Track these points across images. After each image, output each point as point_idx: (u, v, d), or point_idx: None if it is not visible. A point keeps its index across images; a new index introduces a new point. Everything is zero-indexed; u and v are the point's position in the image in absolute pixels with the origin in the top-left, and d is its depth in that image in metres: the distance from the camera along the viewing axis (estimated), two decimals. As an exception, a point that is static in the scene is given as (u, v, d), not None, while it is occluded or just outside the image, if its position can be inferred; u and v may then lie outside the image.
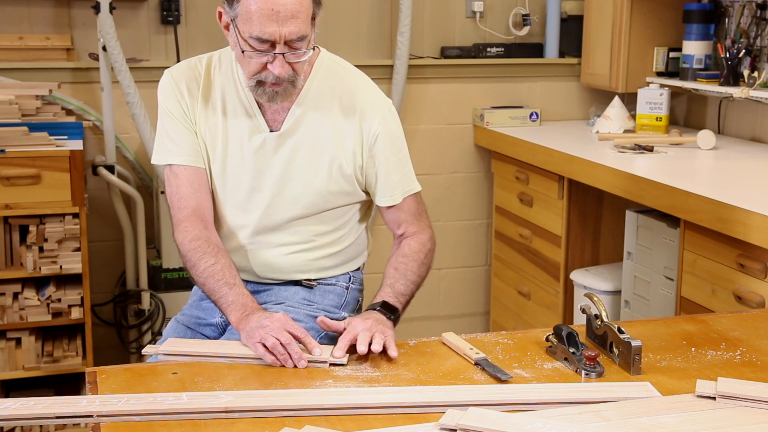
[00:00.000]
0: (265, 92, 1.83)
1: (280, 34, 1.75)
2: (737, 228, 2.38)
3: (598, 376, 1.56)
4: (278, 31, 1.75)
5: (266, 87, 1.83)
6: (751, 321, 1.87)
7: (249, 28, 1.75)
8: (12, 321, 2.97)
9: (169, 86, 1.95)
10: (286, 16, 1.74)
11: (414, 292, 1.93)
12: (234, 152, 1.94)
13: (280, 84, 1.82)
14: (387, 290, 1.88)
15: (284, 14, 1.74)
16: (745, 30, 3.34)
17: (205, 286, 1.85)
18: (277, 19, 1.74)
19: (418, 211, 2.02)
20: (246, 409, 1.42)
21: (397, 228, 2.02)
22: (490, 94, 3.97)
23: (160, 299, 3.44)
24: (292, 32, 1.75)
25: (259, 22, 1.74)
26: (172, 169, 1.95)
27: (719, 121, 3.61)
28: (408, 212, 2.01)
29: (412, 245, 1.98)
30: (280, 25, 1.74)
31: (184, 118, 1.94)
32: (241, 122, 1.93)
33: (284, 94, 1.84)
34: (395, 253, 1.98)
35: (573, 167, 3.22)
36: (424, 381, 1.55)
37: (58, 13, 3.47)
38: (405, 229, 2.01)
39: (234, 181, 1.96)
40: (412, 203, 2.01)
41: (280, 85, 1.82)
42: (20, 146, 2.92)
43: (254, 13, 1.74)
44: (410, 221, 2.01)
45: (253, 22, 1.74)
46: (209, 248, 1.87)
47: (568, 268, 3.37)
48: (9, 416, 1.42)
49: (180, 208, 1.93)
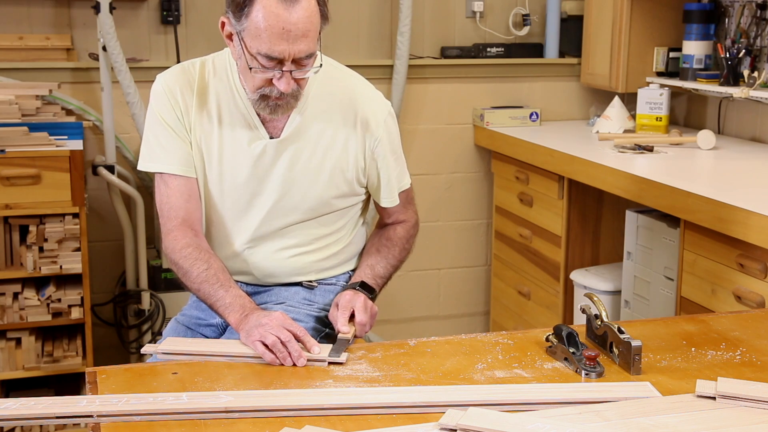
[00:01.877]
0: (268, 105, 1.83)
1: (290, 53, 1.73)
2: (737, 228, 2.38)
3: (598, 376, 1.56)
4: (288, 50, 1.73)
5: (269, 101, 1.82)
6: (751, 321, 1.87)
7: (258, 45, 1.73)
8: (12, 321, 2.97)
9: (163, 93, 1.92)
10: (296, 35, 1.72)
11: (392, 274, 2.03)
12: (232, 159, 1.92)
13: (284, 98, 1.81)
14: (367, 271, 1.97)
15: (295, 33, 1.72)
16: (745, 30, 3.34)
17: (200, 291, 1.85)
18: (287, 38, 1.71)
19: (408, 200, 2.10)
20: (246, 409, 1.42)
21: (388, 218, 2.09)
22: (490, 94, 3.97)
23: (160, 299, 3.44)
24: (301, 51, 1.74)
25: (269, 40, 1.72)
26: (162, 177, 1.93)
27: (719, 121, 3.61)
28: (400, 204, 2.06)
29: (398, 231, 2.06)
30: (290, 43, 1.72)
31: (178, 125, 1.91)
32: (240, 129, 1.91)
33: (286, 107, 1.84)
34: (379, 234, 2.07)
35: (573, 167, 3.22)
36: (424, 381, 1.55)
37: (58, 13, 3.47)
38: (395, 218, 2.08)
39: (233, 188, 1.94)
40: (403, 195, 2.07)
41: (284, 99, 1.81)
42: (20, 146, 2.91)
43: (264, 31, 1.71)
44: (401, 211, 2.08)
45: (263, 39, 1.72)
46: (201, 254, 1.87)
47: (568, 268, 3.37)
48: (9, 416, 1.42)
49: (170, 217, 1.92)
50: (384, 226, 2.10)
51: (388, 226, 2.09)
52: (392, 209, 2.06)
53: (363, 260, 2.02)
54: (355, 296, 1.86)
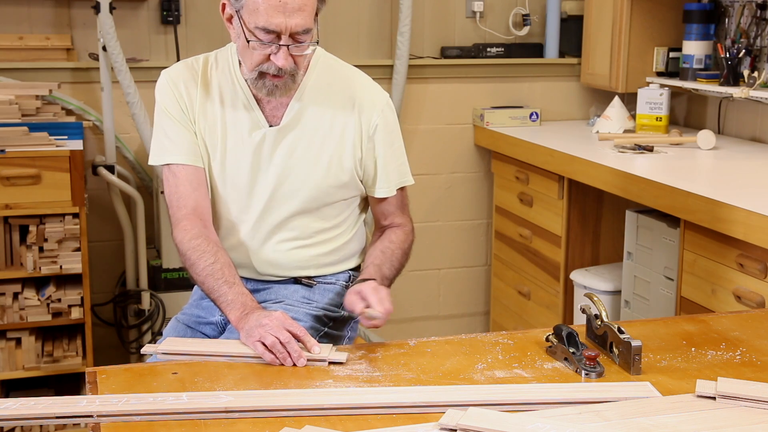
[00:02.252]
0: (265, 85, 1.85)
1: (286, 26, 1.77)
2: (737, 228, 2.38)
3: (598, 376, 1.56)
4: (284, 23, 1.77)
5: (267, 79, 1.84)
6: (751, 321, 1.87)
7: (255, 19, 1.77)
8: (12, 321, 2.97)
9: (167, 86, 1.96)
10: (293, 8, 1.76)
11: (395, 278, 2.00)
12: (233, 148, 1.95)
13: (281, 77, 1.83)
14: (373, 270, 1.93)
15: (291, 6, 1.76)
16: (745, 30, 3.34)
17: (204, 284, 1.86)
18: (284, 10, 1.76)
19: (404, 204, 2.09)
20: (246, 409, 1.42)
21: (384, 219, 2.08)
22: (490, 94, 3.97)
23: (160, 299, 3.44)
24: (298, 24, 1.78)
25: (266, 13, 1.76)
26: (170, 168, 1.95)
27: (719, 121, 3.61)
28: (396, 205, 2.06)
29: (398, 234, 2.05)
30: (286, 16, 1.76)
31: (183, 117, 1.94)
32: (241, 118, 1.94)
33: (284, 88, 1.86)
34: (380, 238, 2.05)
35: (573, 167, 3.22)
36: (424, 381, 1.55)
37: (58, 13, 3.47)
38: (391, 221, 2.07)
39: (234, 177, 1.96)
40: (400, 196, 2.06)
41: (281, 78, 1.83)
42: (20, 146, 2.92)
43: (261, 4, 1.76)
44: (396, 213, 2.07)
45: (260, 12, 1.76)
46: (208, 247, 1.88)
47: (568, 268, 3.37)
48: (9, 416, 1.42)
49: (179, 207, 1.94)
50: (381, 229, 2.08)
51: (386, 229, 2.07)
52: (388, 210, 2.05)
53: (368, 261, 2.00)
54: (380, 287, 1.81)
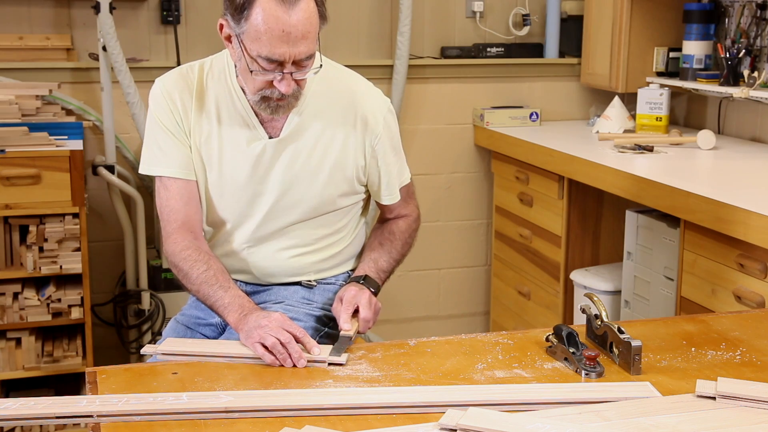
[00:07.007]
0: (269, 107, 1.82)
1: (290, 55, 1.73)
2: (737, 228, 2.38)
3: (598, 376, 1.56)
4: (288, 52, 1.72)
5: (270, 102, 1.81)
6: (751, 321, 1.87)
7: (258, 48, 1.72)
8: (12, 321, 2.97)
9: (161, 97, 1.92)
10: (296, 37, 1.71)
11: (394, 268, 2.03)
12: (232, 160, 1.92)
13: (285, 99, 1.81)
14: (370, 264, 1.97)
15: (295, 35, 1.71)
16: (745, 30, 3.34)
17: (200, 292, 1.85)
18: (288, 40, 1.71)
19: (409, 194, 2.10)
20: (246, 409, 1.42)
21: (389, 213, 2.09)
22: (490, 94, 3.97)
23: (160, 299, 3.44)
24: (301, 52, 1.73)
25: (269, 43, 1.71)
26: (162, 180, 1.94)
27: (719, 121, 3.61)
28: (401, 199, 2.06)
29: (400, 225, 2.07)
30: (290, 46, 1.72)
31: (177, 129, 1.92)
32: (238, 130, 1.91)
33: (287, 108, 1.84)
34: (381, 228, 2.07)
35: (573, 167, 3.22)
36: (424, 381, 1.55)
37: (58, 13, 3.47)
38: (397, 213, 2.09)
39: (233, 189, 1.94)
40: (404, 190, 2.07)
41: (285, 99, 1.81)
42: (20, 146, 2.92)
43: (264, 33, 1.71)
44: (402, 206, 2.08)
45: (263, 41, 1.71)
46: (200, 256, 1.87)
47: (568, 268, 3.37)
48: (9, 416, 1.42)
49: (169, 221, 1.93)
50: (385, 220, 2.10)
51: (389, 220, 2.09)
52: (393, 205, 2.06)
53: (366, 254, 2.02)
54: (360, 292, 1.84)
